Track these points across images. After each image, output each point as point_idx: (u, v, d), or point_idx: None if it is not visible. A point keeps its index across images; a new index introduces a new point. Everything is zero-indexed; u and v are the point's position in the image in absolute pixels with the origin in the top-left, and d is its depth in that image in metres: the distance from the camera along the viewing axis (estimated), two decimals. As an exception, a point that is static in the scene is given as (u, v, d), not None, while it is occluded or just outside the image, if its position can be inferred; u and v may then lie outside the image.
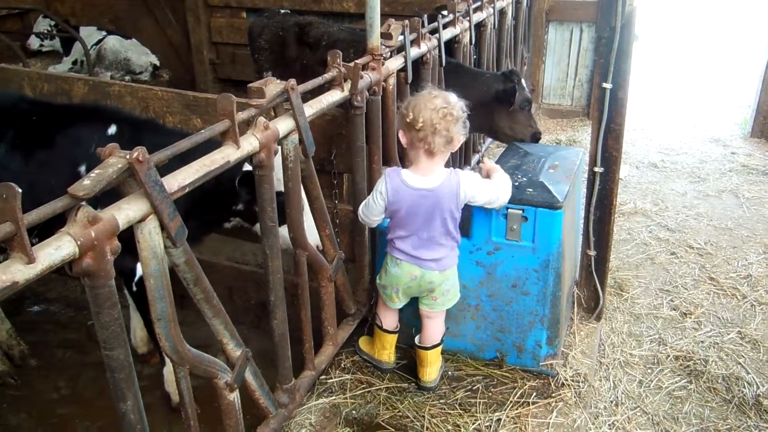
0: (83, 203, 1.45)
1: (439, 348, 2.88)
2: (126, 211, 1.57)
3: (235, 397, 2.15)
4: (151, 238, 1.68)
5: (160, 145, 1.71)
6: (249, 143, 2.05)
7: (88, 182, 1.46)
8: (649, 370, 3.35)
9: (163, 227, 1.69)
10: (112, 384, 1.64)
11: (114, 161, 1.54)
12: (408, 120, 2.52)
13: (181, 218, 1.73)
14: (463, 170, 2.68)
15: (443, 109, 2.48)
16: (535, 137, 4.08)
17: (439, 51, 3.80)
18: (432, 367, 2.86)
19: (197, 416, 2.06)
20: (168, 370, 3.02)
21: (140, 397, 1.70)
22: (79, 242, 1.42)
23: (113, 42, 7.42)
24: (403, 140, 2.60)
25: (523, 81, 3.97)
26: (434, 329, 2.85)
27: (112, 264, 1.53)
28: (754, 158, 6.49)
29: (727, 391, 3.21)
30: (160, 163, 1.73)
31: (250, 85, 2.17)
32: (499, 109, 4.07)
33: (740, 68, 10.04)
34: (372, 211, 2.69)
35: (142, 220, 1.62)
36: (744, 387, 3.22)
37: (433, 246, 2.66)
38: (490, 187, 2.67)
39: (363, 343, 3.09)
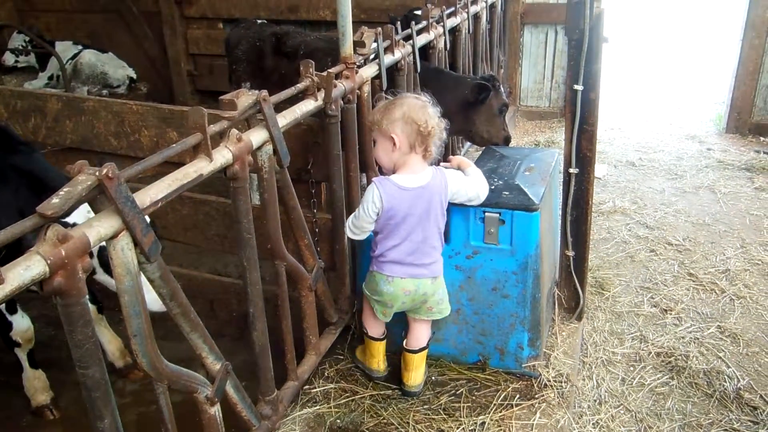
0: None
1: (425, 352, 2.89)
2: (97, 228, 1.56)
3: (216, 411, 2.14)
4: (124, 254, 1.67)
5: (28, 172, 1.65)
6: (222, 156, 2.05)
7: (57, 200, 1.45)
8: (632, 368, 3.38)
9: (136, 243, 1.68)
10: (88, 403, 1.63)
11: (83, 178, 1.53)
12: (419, 125, 2.54)
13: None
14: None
15: (440, 116, 2.64)
16: (507, 141, 4.21)
17: (414, 57, 3.82)
18: (417, 371, 2.87)
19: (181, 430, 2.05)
20: (26, 376, 3.14)
21: (117, 415, 1.69)
22: (49, 261, 1.41)
23: (89, 56, 7.38)
24: (399, 143, 2.57)
25: (501, 86, 4.01)
26: (422, 332, 2.86)
27: (84, 282, 1.52)
28: (730, 154, 6.58)
29: (708, 385, 3.25)
30: (131, 179, 1.72)
31: (222, 97, 2.17)
32: (477, 114, 4.11)
33: (713, 65, 10.19)
34: (363, 221, 2.66)
35: (114, 236, 1.62)
36: (725, 381, 3.26)
37: (427, 249, 2.67)
38: (472, 183, 2.71)
39: (358, 352, 3.09)
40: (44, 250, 1.42)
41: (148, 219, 1.71)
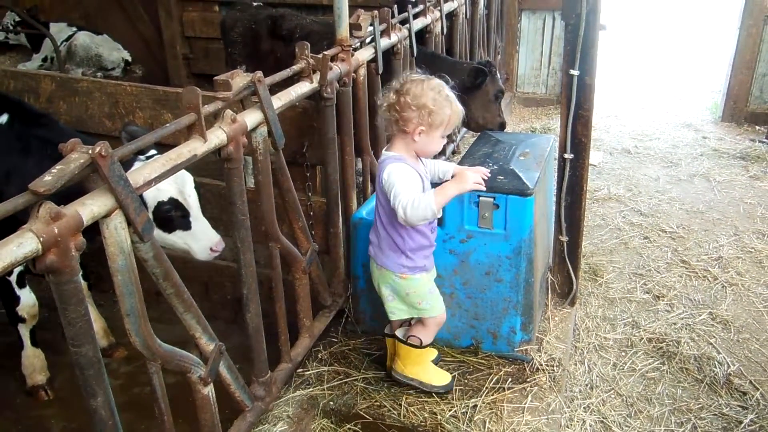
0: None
1: (408, 348, 2.77)
2: (90, 207, 1.56)
3: (209, 391, 2.15)
4: (117, 233, 1.67)
5: (51, 142, 1.66)
6: (216, 136, 2.05)
7: (50, 178, 1.45)
8: (623, 353, 3.41)
9: (129, 222, 1.68)
10: (81, 381, 1.63)
11: (76, 156, 1.53)
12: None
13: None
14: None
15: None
16: (502, 126, 4.20)
17: (410, 41, 3.81)
18: (400, 359, 2.79)
19: (175, 412, 2.06)
20: (25, 354, 3.12)
21: (110, 393, 1.69)
22: (41, 239, 1.41)
23: (84, 38, 7.30)
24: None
25: (497, 72, 3.99)
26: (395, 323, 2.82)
27: (78, 260, 1.52)
28: (725, 142, 6.59)
29: (698, 371, 3.28)
30: (125, 158, 1.72)
31: (216, 77, 2.16)
32: (473, 99, 4.09)
33: (711, 54, 10.17)
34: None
35: (107, 215, 1.62)
36: (715, 366, 3.28)
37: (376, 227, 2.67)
38: (401, 190, 2.39)
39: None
40: (37, 228, 1.41)
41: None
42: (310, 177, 3.18)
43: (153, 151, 2.50)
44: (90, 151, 1.53)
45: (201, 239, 2.62)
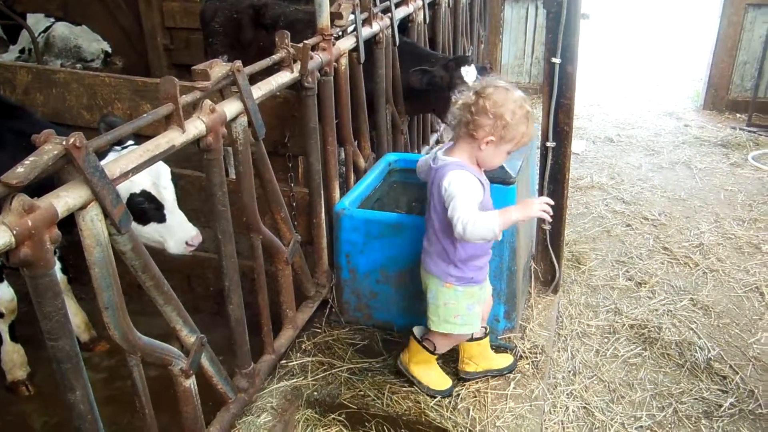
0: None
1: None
2: (65, 199, 1.53)
3: (191, 383, 2.14)
4: (93, 225, 1.64)
5: (26, 135, 1.62)
6: (195, 127, 2.02)
7: (22, 170, 1.43)
8: (606, 340, 3.44)
9: (106, 214, 1.66)
10: (59, 375, 1.62)
11: (49, 148, 1.50)
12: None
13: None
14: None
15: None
16: None
17: (392, 30, 3.79)
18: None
19: (158, 405, 2.05)
20: (4, 349, 3.09)
21: (89, 387, 1.68)
22: (14, 231, 1.39)
23: (62, 29, 7.18)
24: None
25: (471, 67, 3.83)
26: (432, 336, 2.73)
27: (53, 253, 1.50)
28: (706, 130, 6.65)
29: (679, 356, 3.32)
30: (101, 149, 1.70)
31: (194, 67, 2.13)
32: (446, 93, 3.93)
33: (692, 42, 10.23)
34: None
35: (83, 207, 1.59)
36: (696, 351, 3.32)
37: (428, 233, 2.61)
38: (462, 206, 2.30)
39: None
40: (9, 221, 1.39)
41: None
42: (292, 167, 3.16)
43: (131, 143, 2.46)
44: (64, 142, 1.50)
45: (176, 233, 2.57)
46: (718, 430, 2.86)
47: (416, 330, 2.76)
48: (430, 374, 2.76)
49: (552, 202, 2.45)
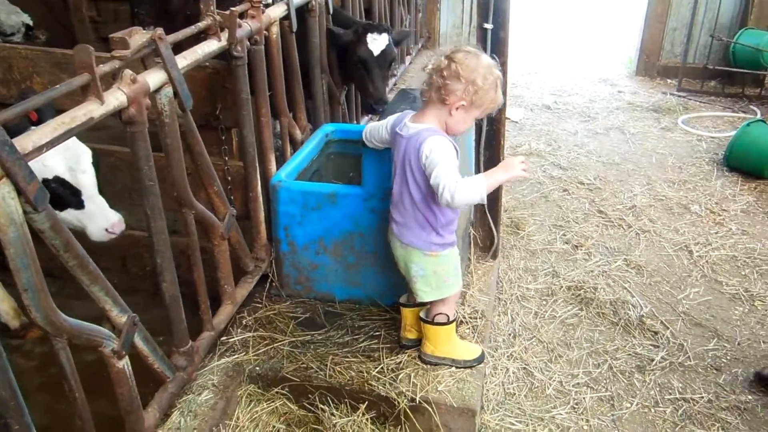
0: None
1: (436, 327, 2.67)
2: (-29, 177, 1.44)
3: (124, 364, 2.07)
4: (6, 203, 1.55)
5: None
6: (115, 98, 1.93)
7: None
8: (544, 302, 3.52)
9: (19, 192, 1.57)
10: (-23, 363, 1.54)
11: (-50, 122, 1.40)
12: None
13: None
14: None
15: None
16: (379, 102, 3.80)
17: (326, -2, 3.70)
18: (428, 341, 2.71)
19: (95, 388, 1.99)
20: None
21: (11, 373, 1.60)
22: None
23: (-23, 1, 6.78)
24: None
25: (382, 35, 3.66)
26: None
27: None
28: (639, 96, 6.83)
29: (614, 314, 3.43)
30: (10, 121, 1.60)
31: (112, 35, 2.03)
32: (355, 63, 3.77)
33: (626, 9, 10.44)
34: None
35: (-7, 184, 1.50)
36: (629, 309, 3.45)
37: (399, 206, 2.57)
38: (444, 171, 2.26)
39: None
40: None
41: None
42: (226, 140, 3.07)
43: None
44: (-34, 116, 1.41)
45: (96, 219, 2.44)
46: (651, 382, 2.98)
47: (422, 314, 2.71)
48: (459, 348, 2.73)
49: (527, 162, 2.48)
